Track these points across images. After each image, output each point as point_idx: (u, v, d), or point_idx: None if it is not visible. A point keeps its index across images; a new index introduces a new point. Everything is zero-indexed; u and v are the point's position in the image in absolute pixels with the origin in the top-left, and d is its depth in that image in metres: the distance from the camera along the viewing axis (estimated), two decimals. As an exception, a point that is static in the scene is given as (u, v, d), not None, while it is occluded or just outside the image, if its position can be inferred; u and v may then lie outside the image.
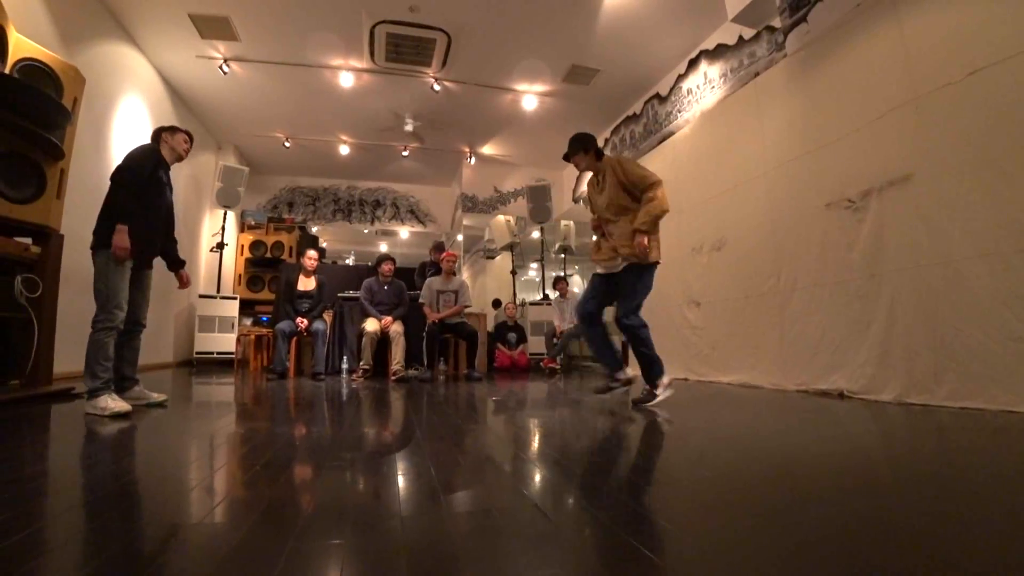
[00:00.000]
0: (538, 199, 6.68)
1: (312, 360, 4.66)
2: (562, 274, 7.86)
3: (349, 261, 11.38)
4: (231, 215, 6.41)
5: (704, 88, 4.73)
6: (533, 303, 6.68)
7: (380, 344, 4.67)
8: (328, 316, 5.06)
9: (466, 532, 0.91)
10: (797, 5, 3.41)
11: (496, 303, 7.65)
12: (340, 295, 5.46)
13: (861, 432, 2.04)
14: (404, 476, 1.30)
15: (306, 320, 4.64)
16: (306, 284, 4.84)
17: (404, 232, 9.34)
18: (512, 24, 4.61)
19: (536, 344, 6.13)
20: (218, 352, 5.79)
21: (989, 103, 2.32)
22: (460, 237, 8.35)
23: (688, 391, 3.54)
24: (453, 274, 4.89)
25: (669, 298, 4.66)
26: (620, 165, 2.70)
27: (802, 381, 3.20)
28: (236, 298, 6.04)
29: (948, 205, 2.46)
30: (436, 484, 1.22)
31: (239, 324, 6.01)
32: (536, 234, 7.17)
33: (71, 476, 1.35)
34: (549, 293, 6.69)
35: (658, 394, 2.61)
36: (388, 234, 9.85)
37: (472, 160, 7.67)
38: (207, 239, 6.78)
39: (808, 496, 1.14)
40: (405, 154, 7.41)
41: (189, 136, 2.78)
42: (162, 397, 2.63)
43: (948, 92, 2.49)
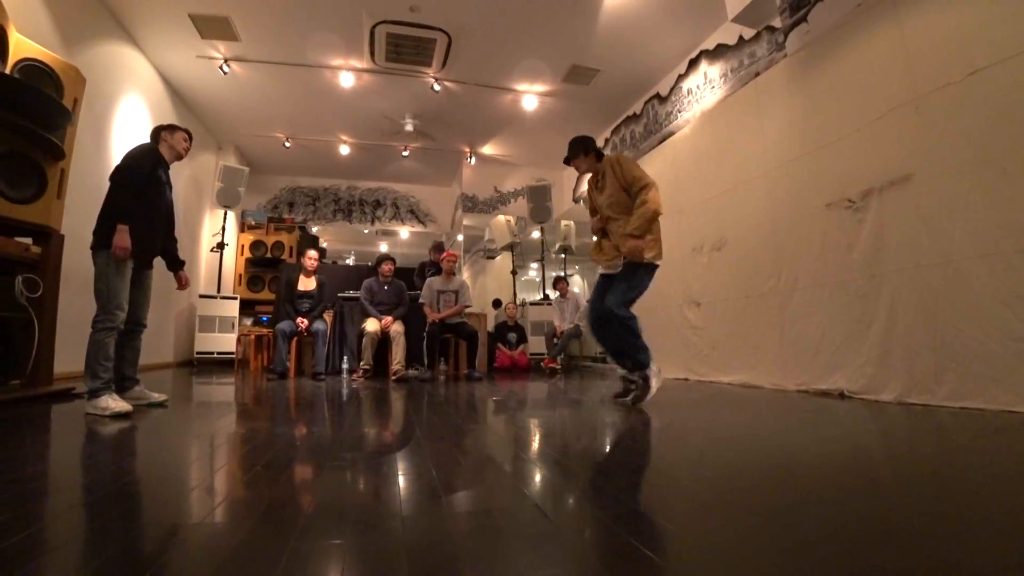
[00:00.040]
0: (538, 199, 6.68)
1: (312, 360, 4.66)
2: (562, 274, 7.87)
3: (349, 261, 11.39)
4: (231, 215, 6.41)
5: (704, 88, 4.73)
6: (533, 303, 6.69)
7: (380, 344, 4.67)
8: (328, 316, 5.06)
9: (467, 532, 0.91)
10: (797, 5, 3.41)
11: (496, 303, 7.66)
12: (340, 295, 5.46)
13: (861, 432, 2.04)
14: (404, 476, 1.30)
15: (306, 320, 4.64)
16: (306, 284, 4.84)
17: (404, 232, 9.35)
18: (512, 24, 4.62)
19: (536, 344, 6.13)
20: (218, 352, 5.79)
21: (989, 103, 2.32)
22: (460, 237, 8.35)
23: (688, 391, 3.54)
24: (453, 274, 4.90)
25: (669, 298, 4.66)
26: (618, 164, 2.75)
27: (802, 381, 3.20)
28: (236, 298, 6.05)
29: (948, 205, 2.46)
30: (437, 484, 1.22)
31: (239, 324, 6.01)
32: (536, 234, 7.18)
33: (71, 476, 1.35)
34: (549, 293, 6.69)
35: (653, 385, 2.61)
36: (388, 234, 9.85)
37: (472, 160, 7.67)
38: (207, 239, 6.79)
39: (808, 496, 1.14)
40: (405, 154, 7.41)
41: (188, 134, 2.78)
42: (163, 397, 2.64)
43: (948, 92, 2.49)
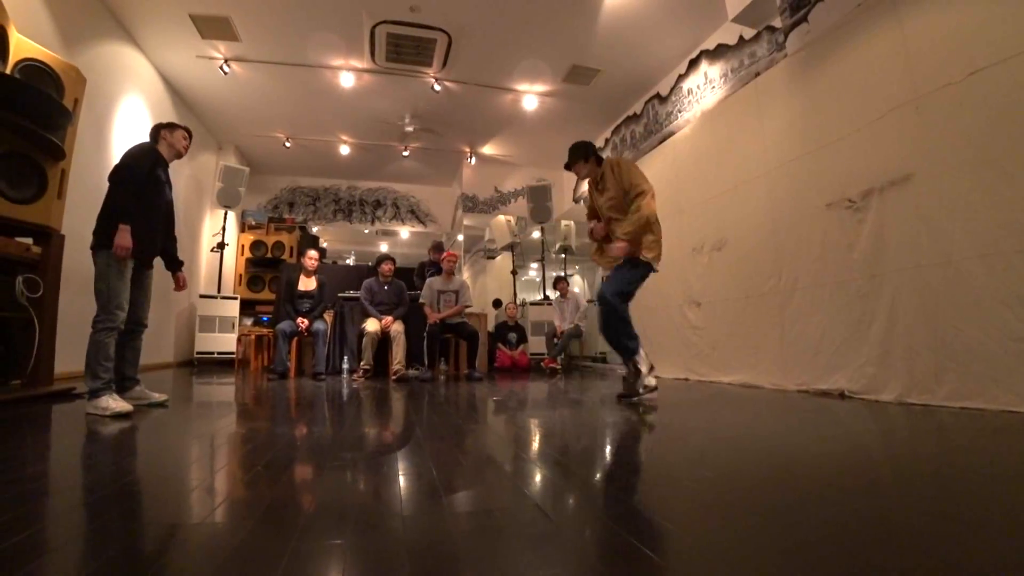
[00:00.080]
0: (538, 199, 6.68)
1: (313, 360, 4.66)
2: (562, 274, 7.87)
3: (350, 261, 11.39)
4: (232, 215, 6.41)
5: (704, 88, 4.73)
6: (534, 303, 6.69)
7: (381, 344, 4.67)
8: (329, 316, 5.06)
9: (467, 532, 0.91)
10: (798, 5, 3.41)
11: (497, 303, 7.66)
12: (341, 295, 5.46)
13: (861, 432, 2.04)
14: (405, 476, 1.30)
15: (307, 320, 4.64)
16: (307, 284, 4.84)
17: (404, 232, 9.35)
18: (512, 24, 4.62)
19: (537, 344, 6.13)
20: (219, 352, 5.80)
21: (990, 103, 2.32)
22: (460, 237, 8.36)
23: (688, 391, 3.54)
24: (453, 274, 4.90)
25: (669, 298, 4.66)
26: (618, 167, 2.82)
27: (803, 381, 3.20)
28: (237, 298, 6.05)
29: (949, 205, 2.46)
30: (437, 484, 1.22)
31: (240, 324, 6.01)
32: (536, 234, 7.17)
33: (72, 476, 1.35)
34: (550, 293, 6.69)
35: (643, 371, 2.62)
36: (388, 234, 9.85)
37: (472, 160, 7.67)
38: (208, 239, 6.79)
39: (808, 496, 1.14)
40: (405, 154, 7.41)
41: (188, 133, 2.77)
42: (163, 397, 2.64)
43: (949, 92, 2.49)
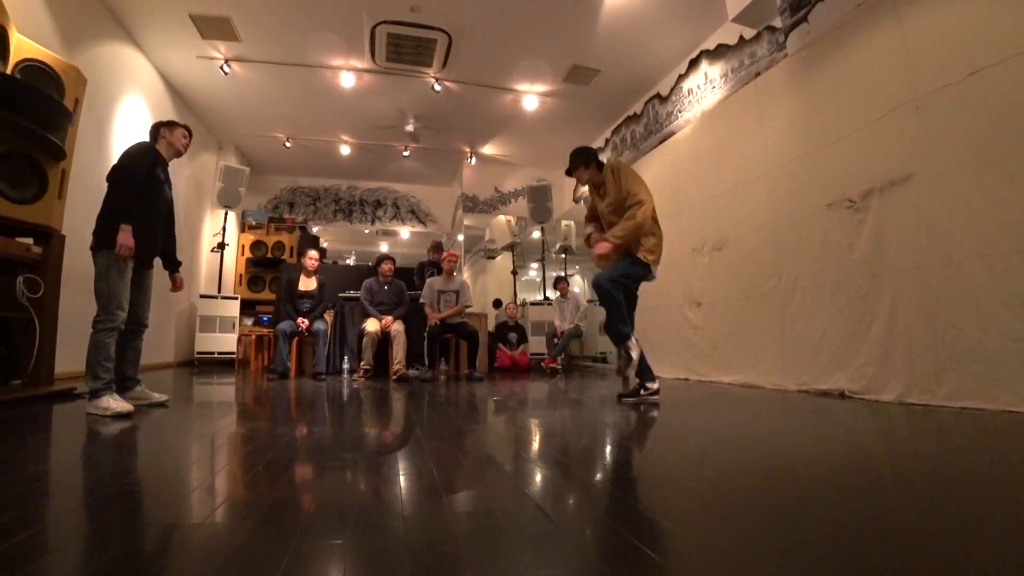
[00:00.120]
0: (539, 199, 6.69)
1: (313, 360, 4.66)
2: (563, 274, 7.87)
3: (350, 261, 11.39)
4: (232, 215, 6.41)
5: (705, 88, 4.73)
6: (534, 303, 6.69)
7: (381, 344, 4.67)
8: (329, 316, 5.06)
9: (468, 532, 0.91)
10: (798, 5, 3.41)
11: (497, 303, 7.66)
12: (341, 295, 5.46)
13: (862, 432, 2.04)
14: (406, 476, 1.30)
15: (307, 320, 4.65)
16: (307, 284, 4.84)
17: (405, 232, 9.35)
18: (513, 24, 4.62)
19: (537, 344, 6.13)
20: (219, 352, 5.80)
21: (990, 103, 2.32)
22: (461, 237, 8.36)
23: (689, 391, 3.54)
24: (454, 274, 4.90)
25: (670, 298, 4.66)
26: (617, 172, 2.85)
27: (803, 381, 3.20)
28: (237, 298, 6.05)
29: (949, 205, 2.46)
30: (438, 484, 1.22)
31: (240, 324, 6.02)
32: (537, 234, 7.18)
33: (73, 476, 1.35)
34: (550, 293, 6.69)
35: (634, 356, 2.66)
36: (389, 234, 9.86)
37: (473, 160, 7.67)
38: (208, 239, 6.79)
39: (809, 496, 1.14)
40: (406, 154, 7.41)
41: (188, 131, 2.76)
42: (164, 397, 2.64)
43: (949, 92, 2.49)
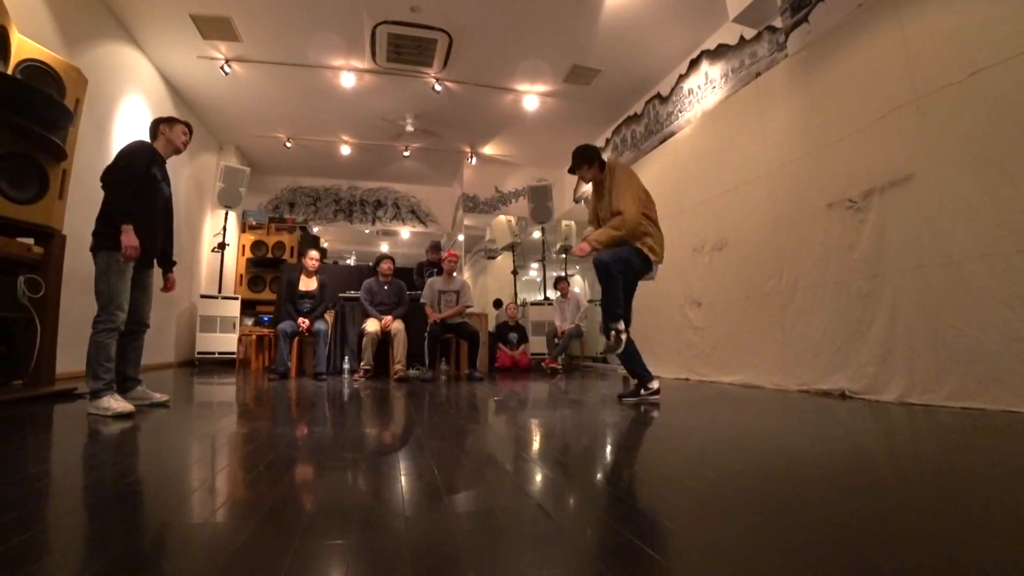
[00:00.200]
0: (539, 199, 6.69)
1: (314, 360, 4.66)
2: (563, 274, 7.87)
3: (350, 261, 11.38)
4: (232, 215, 6.41)
5: (705, 88, 4.73)
6: (534, 303, 6.69)
7: (381, 344, 4.67)
8: (330, 316, 5.06)
9: (469, 532, 0.91)
10: (798, 5, 3.41)
11: (497, 303, 7.66)
12: (341, 295, 5.46)
13: (862, 432, 2.04)
14: (407, 476, 1.30)
15: (308, 320, 4.65)
16: (308, 284, 4.84)
17: (405, 232, 9.35)
18: (513, 24, 4.62)
19: (537, 344, 6.14)
20: (220, 352, 5.80)
21: (990, 103, 2.32)
22: (461, 237, 8.36)
23: (689, 391, 3.54)
24: (454, 274, 4.90)
25: (670, 298, 4.66)
26: (613, 175, 2.84)
27: (803, 381, 3.20)
28: (238, 298, 6.06)
29: (950, 205, 2.46)
30: (439, 484, 1.23)
31: (240, 324, 6.02)
32: (537, 234, 7.18)
33: (74, 477, 1.35)
34: (550, 293, 6.69)
35: (623, 340, 2.66)
36: (389, 234, 9.86)
37: (473, 160, 7.67)
38: (209, 239, 6.79)
39: (809, 496, 1.14)
40: (406, 154, 7.41)
41: (188, 128, 2.76)
42: (164, 397, 2.64)
43: (949, 92, 2.49)
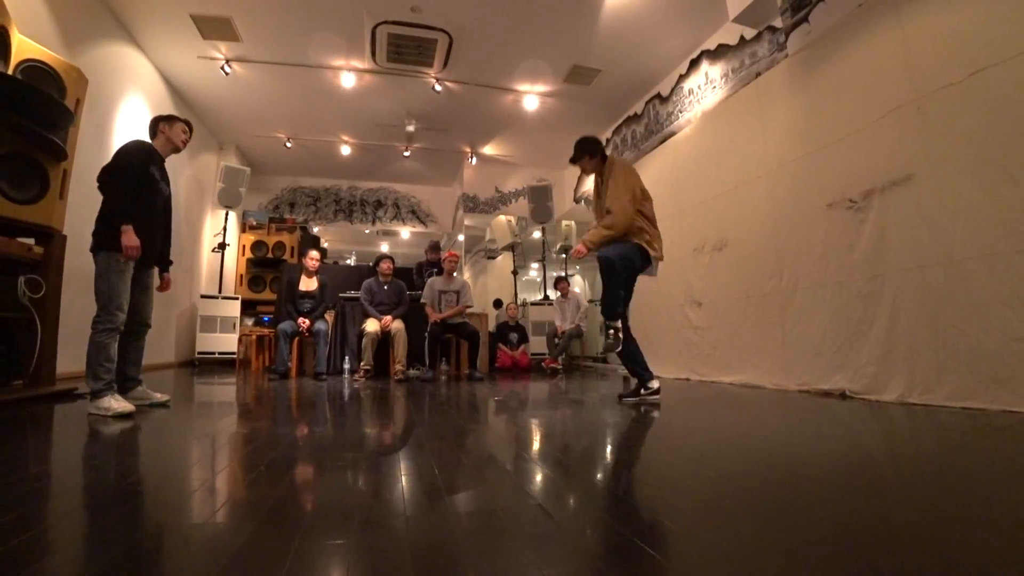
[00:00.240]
0: (539, 199, 6.69)
1: (314, 360, 4.67)
2: (563, 274, 7.88)
3: (350, 261, 11.37)
4: (232, 215, 6.41)
5: (705, 88, 4.73)
6: (534, 303, 6.69)
7: (381, 344, 4.67)
8: (330, 316, 5.06)
9: (470, 531, 0.91)
10: (799, 5, 3.41)
11: (497, 303, 7.66)
12: (342, 295, 5.46)
13: (863, 432, 2.04)
14: (408, 476, 1.30)
15: (308, 320, 4.65)
16: (308, 284, 4.84)
17: (405, 232, 9.35)
18: (513, 24, 4.62)
19: (537, 344, 6.14)
20: (220, 352, 5.80)
21: (991, 103, 2.32)
22: (461, 237, 8.36)
23: (690, 391, 3.54)
24: (454, 274, 4.90)
25: (671, 298, 4.66)
26: (611, 172, 2.82)
27: (804, 381, 3.20)
28: (238, 298, 6.06)
29: (950, 205, 2.46)
30: (440, 484, 1.23)
31: (241, 324, 6.02)
32: (537, 234, 7.18)
33: (75, 477, 1.35)
34: (550, 293, 6.69)
35: (620, 338, 2.68)
36: (389, 234, 9.85)
37: (473, 160, 7.68)
38: (209, 239, 6.79)
39: (810, 496, 1.15)
40: (406, 154, 7.42)
41: (188, 125, 2.76)
42: (165, 397, 2.64)
43: (950, 92, 2.49)
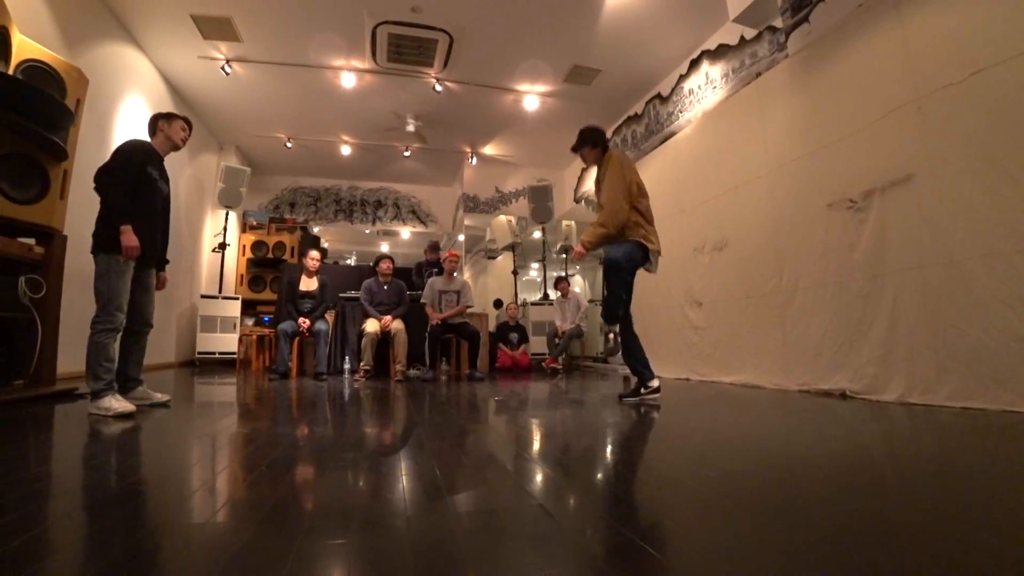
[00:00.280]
0: (539, 199, 6.69)
1: (314, 360, 4.67)
2: (563, 274, 7.88)
3: (351, 261, 11.37)
4: (233, 215, 6.41)
5: (706, 88, 4.73)
6: (535, 303, 6.69)
7: (381, 344, 4.67)
8: (330, 316, 5.06)
9: (471, 531, 0.92)
10: (799, 5, 3.41)
11: (498, 303, 7.66)
12: (342, 295, 5.46)
13: (863, 432, 2.04)
14: (408, 476, 1.30)
15: (308, 320, 4.65)
16: (308, 284, 4.84)
17: (405, 232, 9.35)
18: (514, 25, 4.62)
19: (538, 344, 6.14)
20: (220, 352, 5.80)
21: (991, 103, 2.32)
22: (461, 237, 8.36)
23: (690, 391, 3.54)
24: (455, 274, 4.90)
25: (671, 298, 4.67)
26: (605, 168, 2.82)
27: (804, 381, 3.20)
28: (238, 298, 6.06)
29: (950, 205, 2.46)
30: (440, 484, 1.23)
31: (241, 324, 6.02)
32: (537, 234, 7.18)
33: (75, 477, 1.35)
34: (551, 293, 6.70)
35: (619, 343, 2.73)
36: (389, 234, 9.85)
37: (474, 160, 7.68)
38: (209, 239, 6.80)
39: (810, 496, 1.15)
40: (407, 154, 7.42)
41: (188, 123, 2.75)
42: (165, 397, 2.64)
43: (950, 92, 2.49)
